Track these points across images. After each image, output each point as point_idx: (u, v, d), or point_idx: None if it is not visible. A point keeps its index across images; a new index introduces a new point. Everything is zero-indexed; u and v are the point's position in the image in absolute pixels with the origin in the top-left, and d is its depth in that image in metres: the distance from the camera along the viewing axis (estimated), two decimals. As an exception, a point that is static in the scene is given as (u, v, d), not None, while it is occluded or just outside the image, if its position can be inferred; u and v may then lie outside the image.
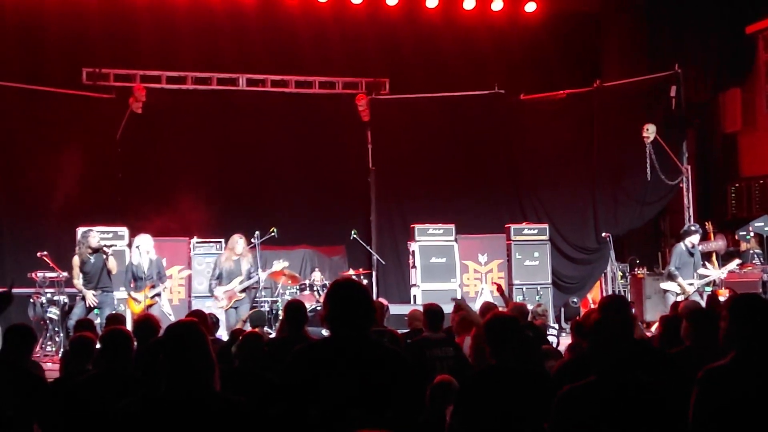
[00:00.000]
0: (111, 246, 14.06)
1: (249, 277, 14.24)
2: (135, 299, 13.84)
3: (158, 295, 14.00)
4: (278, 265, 15.07)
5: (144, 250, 13.92)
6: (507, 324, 5.61)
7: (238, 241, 14.42)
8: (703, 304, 12.80)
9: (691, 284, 14.49)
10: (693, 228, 15.07)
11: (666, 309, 14.25)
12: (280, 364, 6.73)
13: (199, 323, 4.39)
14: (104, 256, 13.64)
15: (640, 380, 4.47)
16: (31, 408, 5.83)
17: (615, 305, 6.40)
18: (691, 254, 14.72)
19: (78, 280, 13.72)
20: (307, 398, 4.28)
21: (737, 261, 15.67)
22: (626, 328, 4.67)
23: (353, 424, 4.15)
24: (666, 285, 14.84)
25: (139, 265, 13.86)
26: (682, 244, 14.81)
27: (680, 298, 14.29)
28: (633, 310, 11.45)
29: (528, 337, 8.84)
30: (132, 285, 13.91)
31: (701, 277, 14.73)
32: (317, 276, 16.17)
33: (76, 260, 13.80)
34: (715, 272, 15.05)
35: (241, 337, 7.30)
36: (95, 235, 13.89)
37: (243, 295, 14.17)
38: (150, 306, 13.69)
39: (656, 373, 4.84)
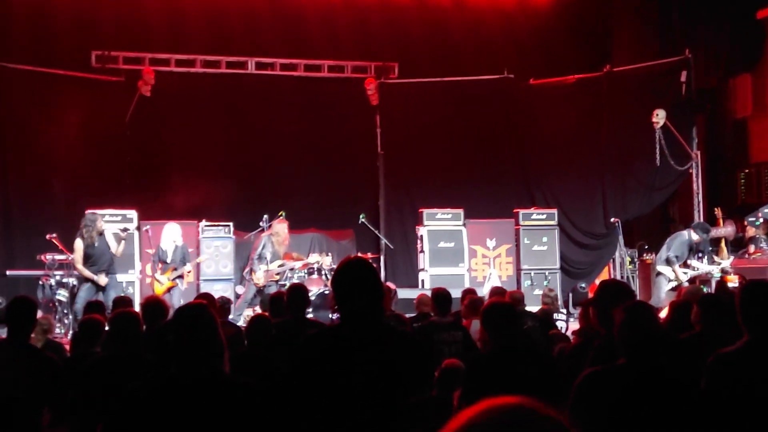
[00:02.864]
0: (126, 230, 14.36)
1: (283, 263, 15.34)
2: (158, 281, 14.57)
3: (180, 277, 14.68)
4: (312, 258, 15.56)
5: (169, 237, 14.78)
6: (505, 310, 5.74)
7: (285, 229, 15.44)
8: (706, 290, 13.06)
9: (685, 273, 14.89)
10: (705, 230, 15.36)
11: (657, 291, 14.67)
12: (282, 346, 6.80)
13: (209, 305, 4.39)
14: (115, 239, 14.16)
15: (669, 367, 4.48)
16: (42, 389, 5.83)
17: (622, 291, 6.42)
18: (691, 249, 15.15)
19: (80, 265, 13.96)
20: (317, 384, 4.27)
21: (719, 266, 15.87)
22: (652, 313, 4.69)
23: (364, 413, 4.16)
24: (662, 268, 15.11)
25: (165, 251, 14.69)
26: (686, 234, 15.08)
27: (672, 285, 14.64)
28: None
29: (524, 323, 8.90)
30: (159, 267, 14.68)
31: (693, 268, 15.22)
32: (326, 260, 16.17)
33: (79, 244, 14.04)
34: (706, 267, 15.43)
35: (249, 320, 7.33)
36: (100, 219, 14.27)
37: (278, 277, 15.20)
38: (171, 288, 14.46)
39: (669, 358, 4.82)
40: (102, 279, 13.84)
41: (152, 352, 6.16)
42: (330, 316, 9.93)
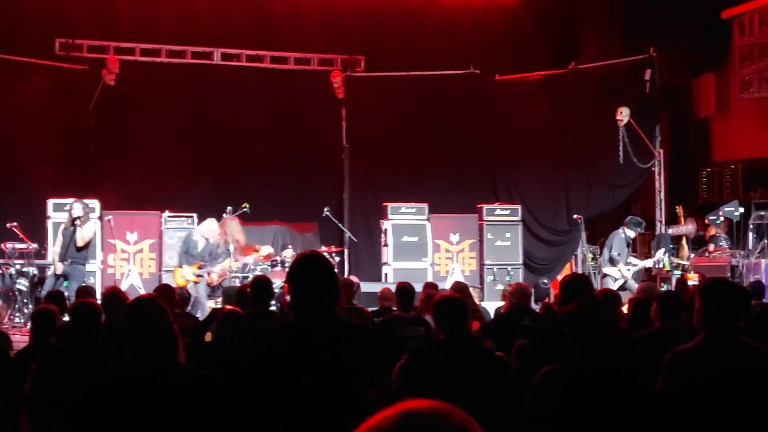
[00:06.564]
0: (77, 218, 14.15)
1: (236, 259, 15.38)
2: (181, 269, 14.67)
3: (201, 276, 14.63)
4: (265, 250, 15.46)
5: (200, 231, 14.92)
6: (452, 303, 5.90)
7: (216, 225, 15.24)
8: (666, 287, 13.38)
9: (629, 270, 15.26)
10: (639, 224, 15.98)
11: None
12: (247, 337, 6.82)
13: (158, 297, 4.43)
14: (72, 228, 14.04)
15: (622, 364, 4.52)
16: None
17: (583, 285, 6.48)
18: (628, 244, 15.80)
19: (51, 246, 14.33)
20: (272, 377, 4.30)
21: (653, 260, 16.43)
22: (607, 312, 4.74)
23: (319, 406, 4.19)
24: (608, 270, 15.48)
25: (195, 243, 14.81)
26: (622, 232, 15.59)
27: (618, 284, 14.98)
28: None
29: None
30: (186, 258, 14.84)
31: (632, 265, 15.79)
32: (289, 253, 16.16)
33: (60, 228, 14.34)
34: (642, 262, 16.19)
35: (222, 315, 7.35)
36: (77, 206, 14.17)
37: (230, 274, 15.16)
38: (195, 282, 14.42)
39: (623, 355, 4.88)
40: (57, 267, 13.94)
41: (112, 343, 6.13)
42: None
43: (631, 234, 15.87)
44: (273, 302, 10.36)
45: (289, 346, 4.34)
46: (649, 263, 16.37)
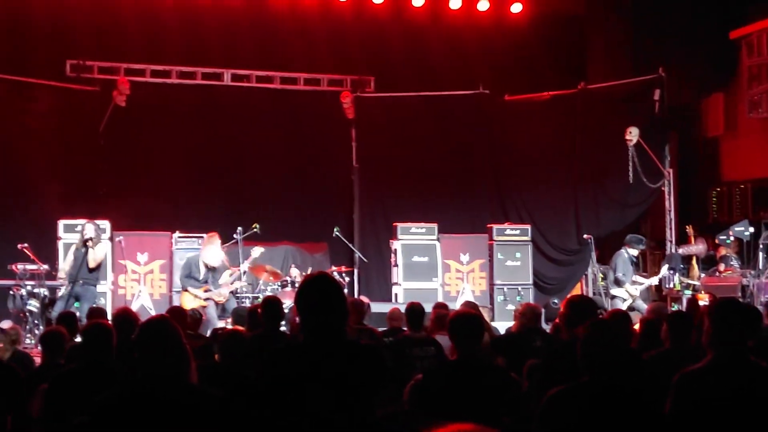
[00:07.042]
0: (89, 239, 14.16)
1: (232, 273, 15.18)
2: (194, 294, 14.53)
3: (210, 299, 14.58)
4: (256, 251, 15.33)
5: (203, 259, 14.74)
6: (468, 321, 5.89)
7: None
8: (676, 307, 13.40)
9: (636, 289, 15.34)
10: (639, 241, 16.05)
11: None
12: (256, 359, 6.82)
13: (171, 319, 4.45)
14: (84, 249, 14.05)
15: (631, 384, 4.52)
16: (3, 399, 5.80)
17: (590, 307, 6.49)
18: (633, 263, 15.82)
19: (62, 264, 14.43)
20: (280, 398, 4.30)
21: (658, 277, 16.57)
22: (619, 332, 4.75)
23: (329, 427, 4.19)
24: (615, 291, 15.52)
25: (198, 268, 14.70)
26: (625, 252, 15.63)
27: (627, 304, 14.99)
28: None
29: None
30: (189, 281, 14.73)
31: (637, 284, 15.86)
32: (295, 272, 16.15)
33: (72, 248, 14.37)
34: (648, 280, 16.30)
35: (223, 335, 7.35)
36: (89, 227, 14.19)
37: (233, 286, 15.13)
38: (203, 307, 14.22)
39: (633, 375, 4.88)
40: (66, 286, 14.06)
41: (123, 363, 6.15)
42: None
43: (634, 252, 15.86)
44: (283, 323, 10.37)
45: (297, 366, 4.34)
46: (654, 281, 16.40)
